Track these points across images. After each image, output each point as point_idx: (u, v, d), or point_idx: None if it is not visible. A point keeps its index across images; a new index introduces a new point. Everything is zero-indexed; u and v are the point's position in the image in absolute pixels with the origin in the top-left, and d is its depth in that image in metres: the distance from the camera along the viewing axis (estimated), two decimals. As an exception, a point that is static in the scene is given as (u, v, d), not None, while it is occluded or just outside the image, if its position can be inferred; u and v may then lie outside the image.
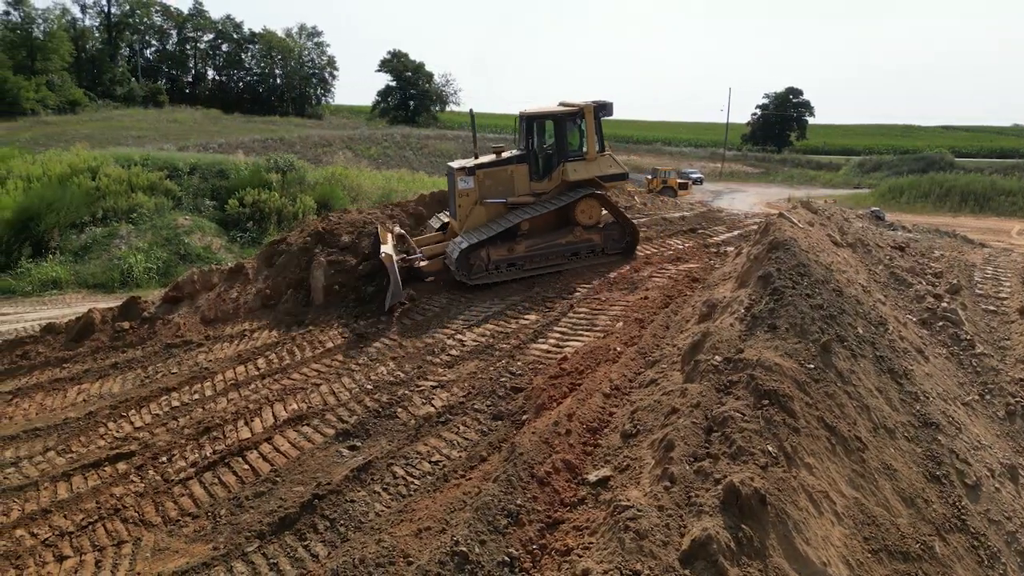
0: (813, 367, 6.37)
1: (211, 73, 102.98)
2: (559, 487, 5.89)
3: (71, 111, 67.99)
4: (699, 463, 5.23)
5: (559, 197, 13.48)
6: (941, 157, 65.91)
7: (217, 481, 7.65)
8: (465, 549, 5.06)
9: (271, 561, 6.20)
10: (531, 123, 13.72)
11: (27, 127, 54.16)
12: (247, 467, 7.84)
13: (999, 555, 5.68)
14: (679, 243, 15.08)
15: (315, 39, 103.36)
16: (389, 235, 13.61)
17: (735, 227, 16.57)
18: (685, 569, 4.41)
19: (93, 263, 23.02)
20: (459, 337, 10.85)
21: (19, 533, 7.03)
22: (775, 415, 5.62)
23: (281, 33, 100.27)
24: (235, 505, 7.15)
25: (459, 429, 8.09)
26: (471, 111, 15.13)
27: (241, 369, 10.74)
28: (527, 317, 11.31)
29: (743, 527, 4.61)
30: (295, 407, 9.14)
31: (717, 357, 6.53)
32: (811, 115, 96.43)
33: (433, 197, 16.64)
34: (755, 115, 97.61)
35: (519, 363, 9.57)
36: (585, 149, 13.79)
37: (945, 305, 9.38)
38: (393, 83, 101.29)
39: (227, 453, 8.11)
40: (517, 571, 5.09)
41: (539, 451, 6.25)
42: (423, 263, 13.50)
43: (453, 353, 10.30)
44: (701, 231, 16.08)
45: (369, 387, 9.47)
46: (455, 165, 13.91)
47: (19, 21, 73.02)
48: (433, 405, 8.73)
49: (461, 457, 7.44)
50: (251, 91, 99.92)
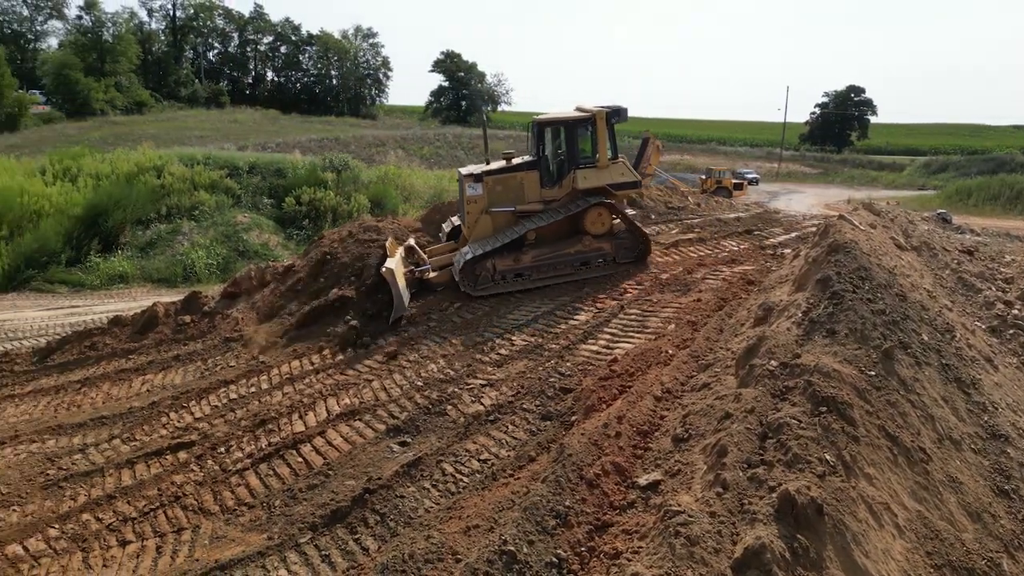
0: (874, 374, 6.17)
1: (270, 74, 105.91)
2: (608, 490, 5.84)
3: (138, 111, 70.75)
4: (753, 470, 5.11)
5: (567, 206, 13.15)
6: (1012, 158, 63.11)
7: (272, 472, 7.85)
8: (513, 548, 5.06)
9: (323, 553, 6.32)
10: (542, 129, 13.49)
11: (97, 127, 56.55)
12: (301, 460, 8.01)
13: (1073, 576, 5.40)
14: (734, 245, 14.80)
15: (370, 40, 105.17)
16: (399, 248, 13.59)
17: (792, 229, 16.18)
18: (737, 578, 4.32)
19: (157, 258, 23.88)
20: (508, 336, 10.87)
21: (85, 517, 7.33)
22: (833, 423, 5.46)
23: (337, 35, 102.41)
24: (289, 497, 7.32)
25: (508, 428, 8.10)
26: (484, 116, 15.20)
27: (296, 364, 10.99)
28: (577, 317, 11.26)
29: (799, 537, 4.49)
30: (347, 402, 9.30)
31: (773, 362, 6.38)
32: (873, 114, 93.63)
33: (435, 210, 16.37)
34: (814, 114, 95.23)
35: (568, 364, 9.54)
36: (597, 156, 13.46)
37: (1016, 312, 8.96)
38: (446, 83, 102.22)
39: (282, 445, 8.31)
40: (565, 572, 5.07)
41: (588, 453, 6.21)
42: (432, 274, 13.41)
43: (502, 352, 10.32)
44: (757, 232, 15.74)
45: (419, 384, 9.57)
46: (464, 171, 13.75)
47: (90, 25, 76.25)
48: (482, 403, 8.77)
49: (510, 456, 7.45)
50: (308, 92, 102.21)
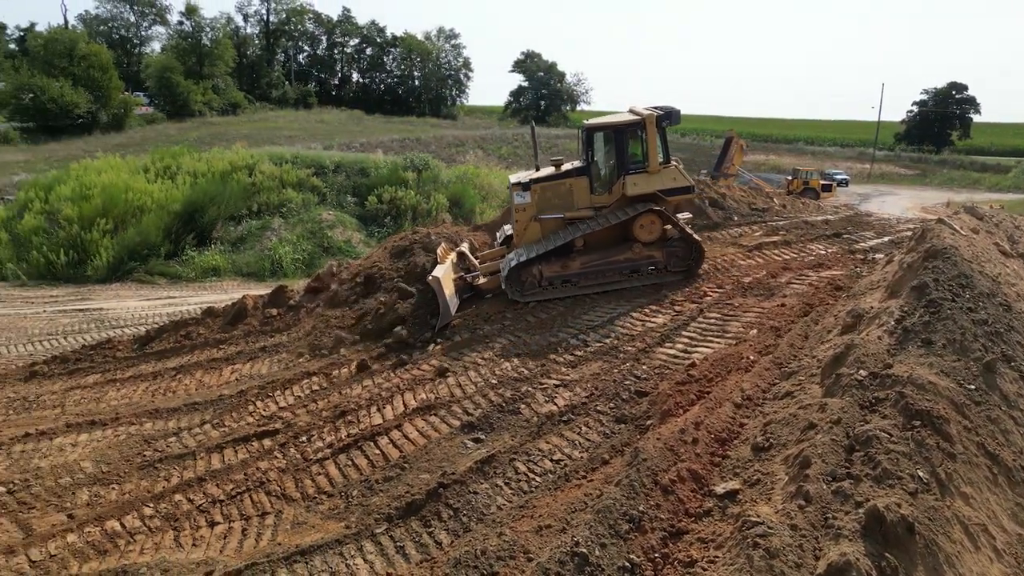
0: (974, 388, 5.82)
1: (356, 76, 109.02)
2: (684, 496, 5.73)
3: (232, 112, 74.18)
4: (838, 483, 4.90)
5: (616, 212, 12.83)
6: None
7: (351, 463, 8.07)
8: (585, 551, 5.02)
9: (398, 544, 6.45)
10: (592, 134, 13.24)
11: (195, 127, 59.61)
12: (378, 452, 8.21)
13: None
14: (821, 248, 14.24)
15: (452, 41, 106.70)
16: (450, 255, 13.63)
17: (885, 233, 15.43)
18: (819, 594, 4.15)
19: (247, 253, 24.98)
20: (583, 337, 10.81)
21: (177, 498, 7.74)
22: (927, 438, 5.18)
23: (421, 36, 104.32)
24: (366, 487, 7.50)
25: (581, 429, 8.06)
26: (532, 124, 15.05)
27: (369, 359, 11.24)
28: (654, 320, 11.09)
29: (887, 555, 4.28)
30: (423, 397, 9.47)
31: (862, 371, 6.10)
32: (977, 112, 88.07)
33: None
34: (911, 112, 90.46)
35: (644, 367, 9.40)
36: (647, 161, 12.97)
37: None
38: (525, 83, 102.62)
39: (360, 437, 8.53)
40: (638, 578, 5.00)
41: (664, 458, 6.11)
42: (481, 280, 13.37)
43: (577, 353, 10.27)
44: (846, 236, 15.10)
45: (494, 382, 9.64)
46: (513, 179, 13.61)
47: (190, 30, 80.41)
48: (556, 404, 8.75)
49: (583, 458, 7.41)
50: (391, 92, 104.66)
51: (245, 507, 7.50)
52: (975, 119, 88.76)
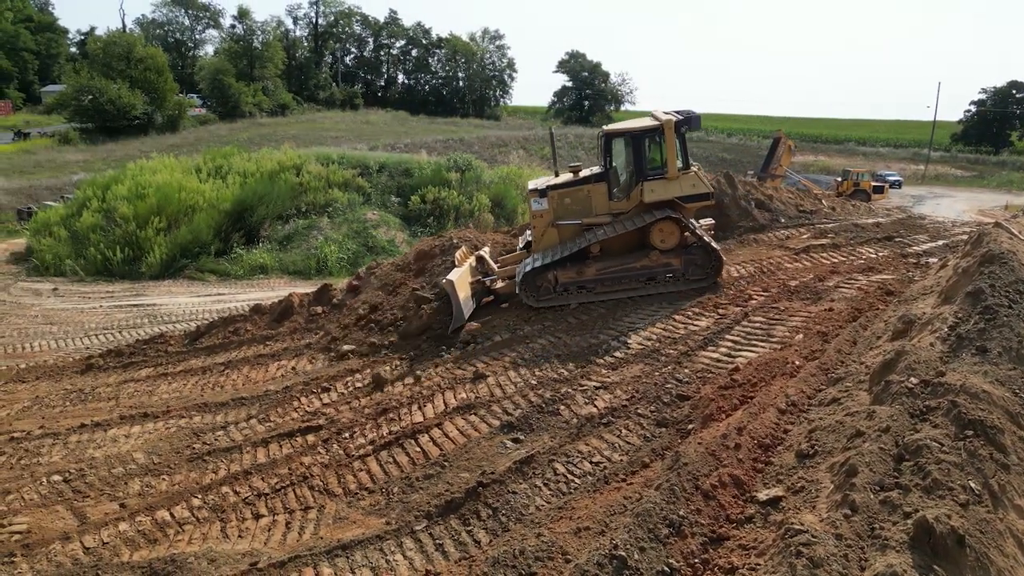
0: (1031, 398, 5.60)
1: (401, 77, 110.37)
2: (725, 502, 5.65)
3: (281, 114, 75.84)
4: (886, 493, 4.78)
5: (632, 219, 12.61)
6: None
7: (391, 460, 8.17)
8: (624, 554, 5.00)
9: (437, 541, 6.51)
10: (610, 140, 13.07)
11: (245, 128, 61.09)
12: (419, 449, 8.30)
13: None
14: (871, 251, 13.87)
15: (497, 42, 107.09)
16: (469, 258, 13.63)
17: (939, 236, 14.95)
18: (864, 606, 4.06)
19: (294, 251, 25.49)
20: (624, 339, 10.74)
21: (224, 490, 7.95)
22: (980, 448, 5.01)
23: (465, 37, 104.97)
24: (407, 484, 7.60)
25: (621, 432, 8.01)
26: (551, 130, 14.95)
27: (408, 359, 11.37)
28: (697, 323, 10.95)
29: (935, 568, 4.16)
30: (464, 396, 9.53)
31: (913, 379, 5.93)
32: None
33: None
34: (968, 112, 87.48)
35: (686, 370, 9.30)
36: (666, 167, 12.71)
37: None
38: (569, 83, 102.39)
39: (401, 435, 8.63)
40: (677, 583, 4.95)
41: (705, 463, 6.04)
42: (499, 284, 13.32)
43: (618, 355, 10.22)
44: (898, 239, 14.68)
45: (533, 382, 9.65)
46: (531, 185, 13.55)
47: (242, 33, 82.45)
48: (595, 406, 8.72)
49: (622, 461, 7.37)
50: (436, 93, 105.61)
51: (289, 501, 7.66)
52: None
